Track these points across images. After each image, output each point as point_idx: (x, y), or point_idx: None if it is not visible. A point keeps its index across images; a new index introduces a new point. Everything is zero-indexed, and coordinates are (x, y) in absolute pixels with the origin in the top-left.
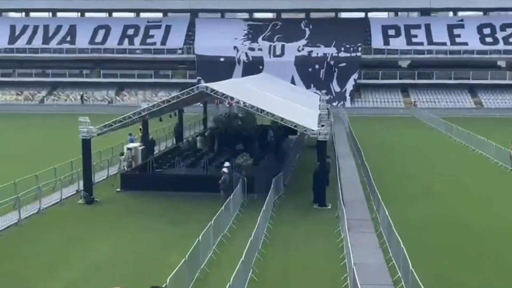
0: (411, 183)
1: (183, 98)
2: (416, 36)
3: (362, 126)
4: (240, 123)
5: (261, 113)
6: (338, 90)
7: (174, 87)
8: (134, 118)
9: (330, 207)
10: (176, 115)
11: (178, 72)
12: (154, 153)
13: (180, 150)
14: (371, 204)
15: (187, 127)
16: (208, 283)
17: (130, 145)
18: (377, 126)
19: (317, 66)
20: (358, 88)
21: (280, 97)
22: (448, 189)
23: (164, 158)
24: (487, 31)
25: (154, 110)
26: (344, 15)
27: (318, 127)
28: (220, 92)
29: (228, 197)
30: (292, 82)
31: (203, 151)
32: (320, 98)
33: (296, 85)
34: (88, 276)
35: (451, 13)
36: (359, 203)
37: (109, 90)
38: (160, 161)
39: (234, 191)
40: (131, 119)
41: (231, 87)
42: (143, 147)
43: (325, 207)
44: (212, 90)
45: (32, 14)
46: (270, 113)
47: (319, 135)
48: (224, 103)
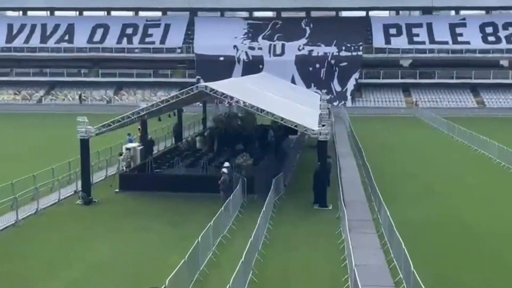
0: (412, 183)
1: (182, 98)
2: (417, 35)
3: (363, 126)
4: (240, 123)
5: (261, 112)
6: (339, 89)
7: (173, 87)
8: (133, 118)
9: (331, 208)
10: (175, 115)
11: (177, 71)
12: (153, 153)
13: (179, 150)
14: (372, 205)
15: (186, 127)
16: (208, 284)
17: (129, 145)
18: (378, 126)
19: (317, 65)
20: (359, 87)
21: (280, 96)
22: (449, 189)
23: (163, 158)
24: (489, 30)
25: (153, 110)
26: (345, 13)
27: (319, 127)
28: (220, 92)
29: (228, 197)
30: (293, 81)
31: (203, 151)
32: (320, 97)
33: (296, 84)
34: (86, 277)
35: (453, 11)
36: (360, 203)
37: (107, 90)
38: (159, 161)
39: (234, 191)
40: (129, 119)
41: (231, 87)
42: (142, 147)
43: (325, 208)
44: (212, 90)
45: (29, 13)
46: (270, 112)
47: (320, 135)
48: (223, 103)
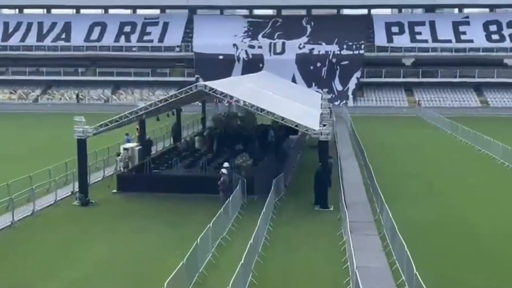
0: (414, 183)
1: (181, 97)
2: (420, 33)
3: (365, 125)
4: (240, 122)
5: (261, 112)
6: (340, 88)
7: (171, 86)
8: (131, 117)
9: (332, 209)
10: (174, 115)
11: (176, 70)
12: (151, 153)
13: (178, 150)
14: (374, 206)
15: (185, 126)
16: (207, 287)
17: (127, 145)
18: (380, 125)
19: (318, 64)
20: (360, 86)
21: (281, 96)
22: (452, 189)
23: (161, 158)
24: (493, 28)
25: (151, 109)
26: (346, 11)
27: (320, 127)
28: (219, 91)
29: (228, 198)
30: (293, 80)
31: (202, 152)
32: (321, 97)
33: (297, 83)
34: (84, 278)
35: (456, 9)
36: (362, 204)
37: (105, 89)
38: (157, 161)
39: (234, 192)
40: (127, 119)
41: (231, 86)
42: (140, 147)
43: (327, 209)
44: (211, 89)
45: (26, 11)
46: (271, 112)
47: (321, 135)
48: (223, 102)
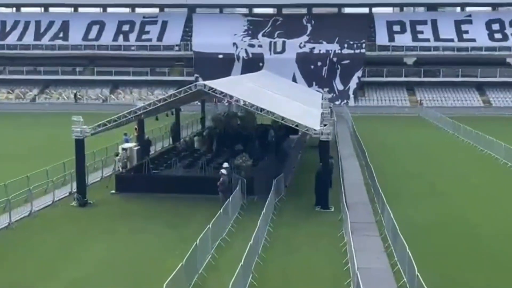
0: (416, 184)
1: (180, 97)
2: (422, 32)
3: (366, 125)
4: (240, 122)
5: (261, 112)
6: (341, 88)
7: (170, 85)
8: (129, 117)
9: (333, 210)
10: (173, 114)
11: (175, 69)
12: (150, 153)
13: (177, 150)
14: (375, 207)
15: (184, 126)
16: None
17: (125, 145)
18: (381, 125)
19: (319, 63)
20: (362, 86)
21: (281, 95)
22: (454, 190)
23: (160, 158)
24: (496, 27)
25: (150, 109)
26: (347, 10)
27: (321, 127)
28: (219, 90)
29: (227, 199)
30: (294, 79)
31: (201, 152)
32: (322, 96)
33: (297, 83)
34: (83, 279)
35: (458, 8)
36: (363, 205)
37: (103, 88)
38: (156, 161)
39: (233, 193)
40: (126, 118)
41: (230, 85)
42: (138, 147)
43: (327, 210)
44: (211, 88)
45: (23, 9)
46: (271, 112)
47: (322, 135)
48: (222, 102)
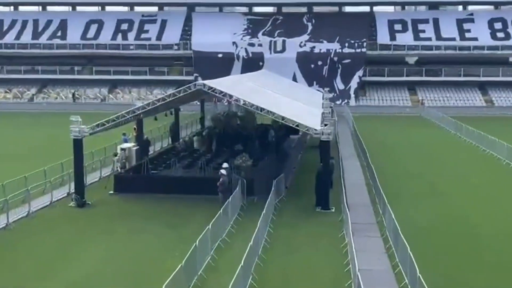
0: (417, 184)
1: (179, 96)
2: (423, 31)
3: (367, 125)
4: (239, 122)
5: (261, 111)
6: (342, 87)
7: (170, 85)
8: (128, 117)
9: (333, 210)
10: (172, 114)
11: (174, 68)
12: (149, 153)
13: (176, 150)
14: (376, 207)
15: (183, 126)
16: None
17: (124, 145)
18: (382, 125)
19: (320, 63)
20: (363, 85)
21: (281, 95)
22: (456, 190)
23: (159, 159)
24: (498, 25)
25: (149, 109)
26: (348, 9)
27: (321, 127)
28: (218, 90)
29: (227, 199)
30: (294, 79)
31: (201, 152)
32: (323, 96)
33: (298, 82)
34: (82, 280)
35: (460, 7)
36: (364, 206)
37: (102, 88)
38: (155, 162)
39: (233, 193)
40: (125, 118)
41: (230, 85)
42: (137, 147)
43: (328, 210)
44: (210, 88)
45: (21, 8)
46: (271, 111)
47: (322, 134)
48: (222, 101)
